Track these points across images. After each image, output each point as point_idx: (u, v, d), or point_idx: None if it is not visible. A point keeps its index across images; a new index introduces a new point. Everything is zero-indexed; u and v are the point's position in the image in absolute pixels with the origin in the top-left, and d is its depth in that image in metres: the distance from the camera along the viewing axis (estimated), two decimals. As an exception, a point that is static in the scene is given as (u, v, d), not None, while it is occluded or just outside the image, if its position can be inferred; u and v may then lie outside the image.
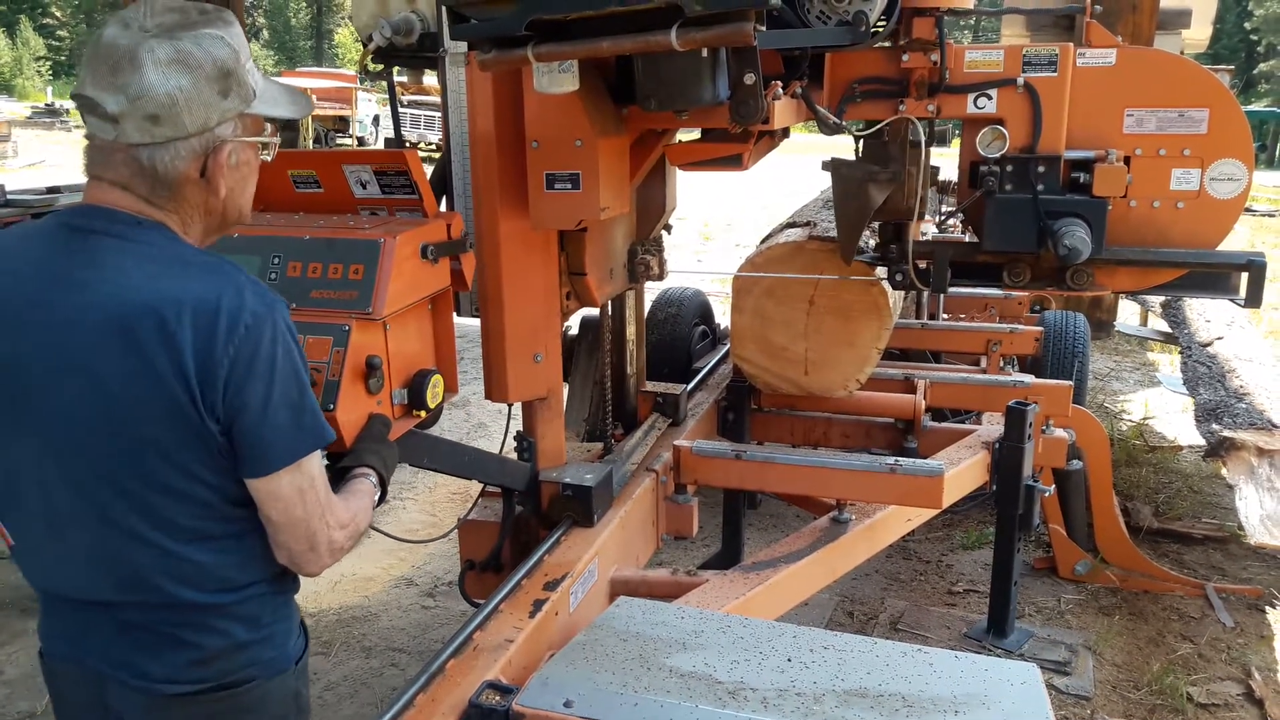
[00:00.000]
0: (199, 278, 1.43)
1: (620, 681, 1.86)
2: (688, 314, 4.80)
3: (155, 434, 1.41)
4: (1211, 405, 4.93)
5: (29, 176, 18.08)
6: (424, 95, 24.43)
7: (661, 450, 3.15)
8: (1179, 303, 7.16)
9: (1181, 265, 2.71)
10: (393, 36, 2.52)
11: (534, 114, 2.43)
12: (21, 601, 4.01)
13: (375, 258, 1.98)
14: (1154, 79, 2.64)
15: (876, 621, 3.87)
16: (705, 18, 1.86)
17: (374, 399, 1.97)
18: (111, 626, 1.51)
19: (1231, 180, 2.61)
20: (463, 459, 2.49)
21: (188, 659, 1.51)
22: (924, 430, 3.66)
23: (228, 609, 1.52)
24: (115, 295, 1.39)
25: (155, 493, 1.44)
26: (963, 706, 1.78)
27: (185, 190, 1.49)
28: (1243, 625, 3.86)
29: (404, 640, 3.79)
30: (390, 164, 2.20)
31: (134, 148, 1.44)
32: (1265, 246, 14.45)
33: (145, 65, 1.40)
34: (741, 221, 15.51)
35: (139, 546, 1.46)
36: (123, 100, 1.40)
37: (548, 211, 2.45)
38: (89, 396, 1.40)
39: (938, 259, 2.91)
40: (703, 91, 2.17)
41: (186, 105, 1.43)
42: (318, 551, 1.54)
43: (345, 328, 1.90)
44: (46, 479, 1.46)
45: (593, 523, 2.69)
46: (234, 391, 1.41)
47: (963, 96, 2.72)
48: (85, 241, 1.44)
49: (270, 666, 1.59)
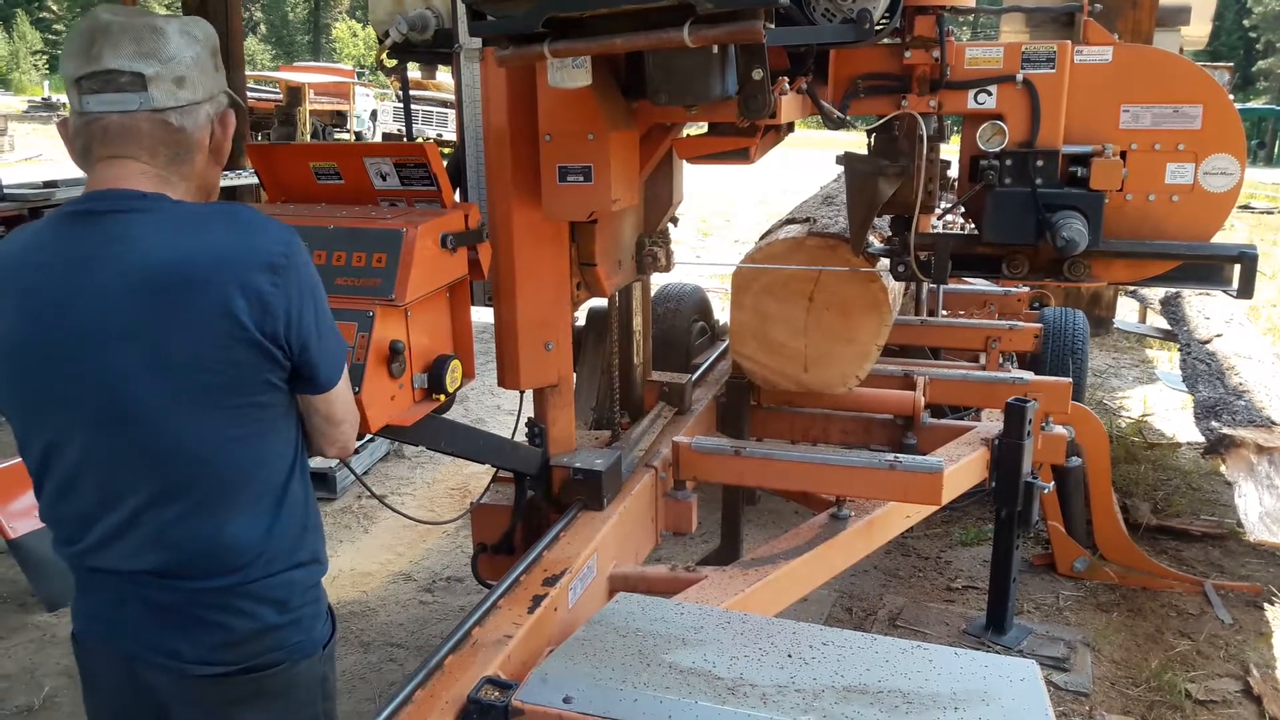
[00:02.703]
0: (220, 230, 1.49)
1: (620, 677, 1.86)
2: (687, 310, 4.80)
3: (217, 386, 1.47)
4: (1210, 402, 4.93)
5: (25, 171, 18.05)
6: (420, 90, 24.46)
7: (661, 446, 3.15)
8: (1178, 300, 7.17)
9: (1176, 257, 2.76)
10: (409, 33, 2.55)
11: (547, 108, 2.48)
12: (19, 596, 4.01)
13: (398, 247, 2.05)
14: (1150, 76, 2.68)
15: (875, 618, 3.87)
16: (716, 15, 1.91)
17: (396, 383, 2.04)
18: (145, 607, 1.55)
19: (1225, 175, 2.65)
20: (477, 443, 2.56)
21: (217, 641, 1.55)
22: (923, 427, 3.66)
23: (257, 592, 1.56)
24: (142, 260, 1.44)
25: (202, 451, 1.49)
26: (962, 703, 1.78)
27: (196, 159, 1.58)
28: (1241, 622, 3.86)
29: (402, 636, 3.79)
30: (410, 156, 2.26)
31: (162, 112, 1.51)
32: (1264, 243, 14.47)
33: (167, 33, 1.51)
34: (740, 217, 15.51)
35: (184, 517, 1.51)
36: (155, 64, 1.49)
37: (560, 203, 2.52)
38: (140, 363, 1.44)
39: (938, 250, 2.96)
40: (712, 86, 2.25)
41: (201, 71, 1.55)
42: (358, 429, 1.76)
43: (370, 314, 1.97)
44: (97, 454, 1.50)
45: (603, 506, 2.74)
46: (296, 320, 1.50)
47: (963, 92, 2.75)
48: (91, 223, 1.48)
49: (297, 650, 1.63)
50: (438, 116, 22.36)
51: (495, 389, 6.51)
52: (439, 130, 21.68)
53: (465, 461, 5.39)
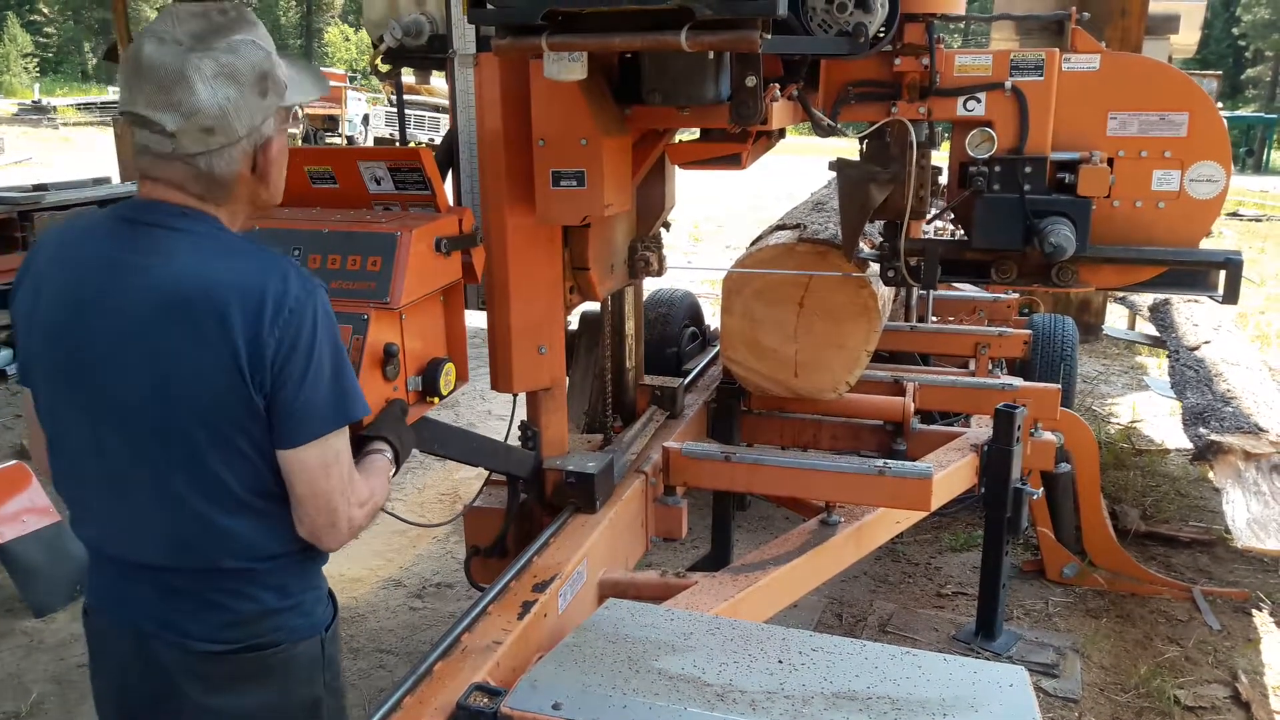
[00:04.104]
0: (247, 264, 1.55)
1: (609, 683, 1.86)
2: (678, 315, 4.80)
3: (209, 405, 1.52)
4: (1199, 409, 4.95)
5: (16, 174, 18.00)
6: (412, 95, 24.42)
7: (651, 451, 3.15)
8: (1167, 306, 7.19)
9: (1162, 263, 2.79)
10: (403, 38, 2.57)
11: (541, 114, 2.49)
12: (8, 602, 3.99)
13: (392, 250, 2.07)
14: (1136, 83, 2.72)
15: (865, 624, 3.88)
16: (714, 22, 1.94)
17: (390, 385, 2.07)
18: (156, 589, 1.62)
19: (1210, 181, 2.69)
20: (471, 446, 2.59)
21: (222, 620, 1.62)
22: (913, 433, 3.67)
23: (260, 577, 1.63)
24: (171, 278, 1.51)
25: (204, 462, 1.55)
26: (951, 709, 1.78)
27: (239, 188, 1.61)
28: (1229, 628, 3.87)
29: (392, 641, 3.78)
30: (405, 161, 2.29)
31: (191, 157, 1.54)
32: (1253, 251, 14.54)
33: (195, 83, 1.50)
34: (732, 223, 15.53)
35: (187, 513, 1.57)
36: (178, 118, 1.51)
37: (554, 207, 2.54)
38: (149, 369, 1.52)
39: (928, 256, 2.98)
40: (706, 89, 2.33)
41: (236, 113, 1.55)
42: (338, 527, 1.63)
43: (364, 317, 1.99)
44: (108, 446, 1.58)
45: (595, 509, 2.75)
46: (278, 369, 1.52)
47: (953, 99, 2.78)
48: (140, 231, 1.56)
49: (296, 632, 1.69)
50: (429, 121, 22.34)
51: (486, 393, 6.54)
52: (430, 135, 21.66)
53: (455, 467, 5.39)
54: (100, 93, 35.63)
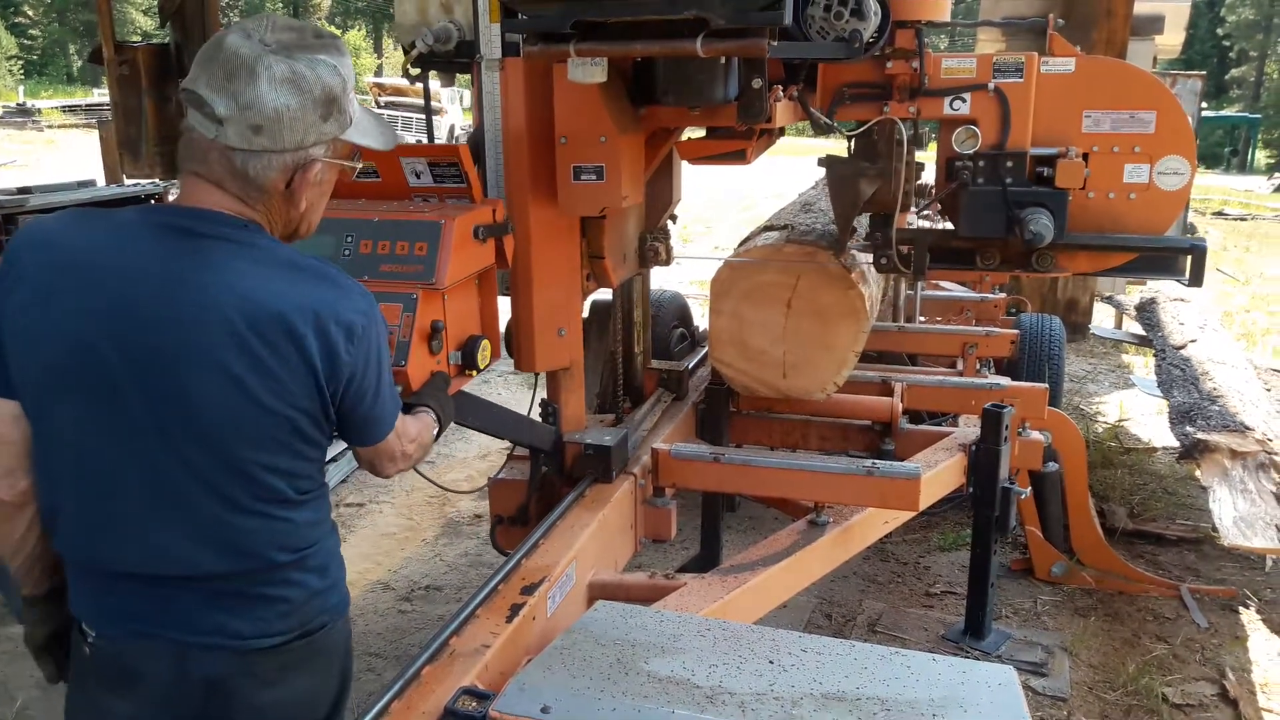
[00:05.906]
0: (312, 283, 1.58)
1: (598, 686, 1.85)
2: (666, 316, 4.79)
3: (279, 421, 1.56)
4: (1185, 408, 4.97)
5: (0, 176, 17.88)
6: (400, 96, 24.42)
7: (641, 453, 3.15)
8: (1153, 306, 7.23)
9: (1134, 249, 2.95)
10: (434, 44, 2.72)
11: (563, 113, 2.70)
12: (-9, 609, 3.96)
13: (437, 236, 2.29)
14: (1109, 84, 2.86)
15: (854, 623, 3.88)
16: (726, 30, 2.14)
17: (435, 358, 2.30)
18: (200, 598, 1.60)
19: (1176, 174, 2.85)
20: (499, 419, 2.83)
21: (276, 612, 1.64)
22: (901, 433, 3.67)
23: (305, 563, 1.67)
24: (237, 297, 1.51)
25: (269, 469, 1.58)
26: (940, 709, 1.78)
27: (270, 199, 1.61)
28: (1217, 626, 3.89)
29: (380, 645, 3.77)
30: (443, 157, 2.50)
31: (231, 150, 1.54)
32: (1237, 249, 14.64)
33: (260, 78, 1.51)
34: (720, 224, 15.54)
35: (247, 519, 1.58)
36: (232, 105, 1.51)
37: (575, 200, 2.75)
38: (214, 387, 1.51)
39: (918, 244, 3.11)
40: (715, 91, 2.62)
41: (290, 123, 1.55)
42: (395, 461, 1.85)
43: (414, 296, 2.22)
44: (152, 463, 1.54)
45: (611, 479, 2.95)
46: (355, 385, 1.63)
47: (940, 99, 2.90)
48: (199, 244, 1.54)
49: (336, 611, 1.75)
50: (416, 123, 22.34)
51: (495, 382, 6.81)
52: (418, 137, 21.65)
53: (440, 471, 5.39)
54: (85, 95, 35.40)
